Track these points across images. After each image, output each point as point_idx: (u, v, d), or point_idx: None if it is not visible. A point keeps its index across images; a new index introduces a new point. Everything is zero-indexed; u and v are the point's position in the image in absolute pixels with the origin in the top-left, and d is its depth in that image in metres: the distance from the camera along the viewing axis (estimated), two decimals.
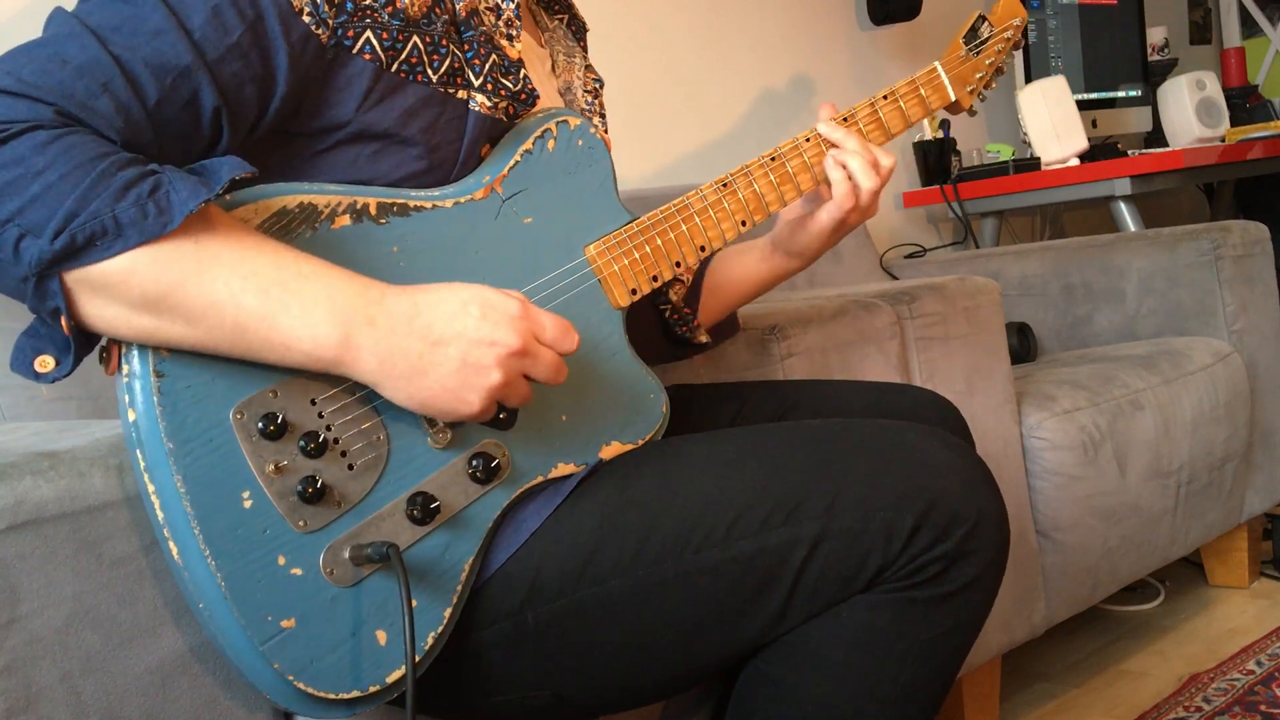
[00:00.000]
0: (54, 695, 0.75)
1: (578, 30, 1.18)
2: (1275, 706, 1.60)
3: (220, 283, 0.73)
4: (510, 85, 0.93)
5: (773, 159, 1.08)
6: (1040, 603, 1.66)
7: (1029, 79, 2.84)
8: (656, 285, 1.00)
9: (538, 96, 0.96)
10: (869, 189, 1.08)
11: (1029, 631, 1.64)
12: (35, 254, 0.69)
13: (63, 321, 0.72)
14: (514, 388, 0.82)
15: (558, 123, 0.98)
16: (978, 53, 1.23)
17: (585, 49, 1.18)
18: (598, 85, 1.14)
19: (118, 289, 0.72)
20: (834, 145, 1.09)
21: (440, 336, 0.78)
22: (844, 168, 1.08)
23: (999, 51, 1.24)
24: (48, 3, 0.83)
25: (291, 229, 0.81)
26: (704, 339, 1.23)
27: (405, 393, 0.79)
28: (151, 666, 0.79)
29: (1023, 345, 2.10)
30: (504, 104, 0.93)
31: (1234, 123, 3.08)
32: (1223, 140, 2.91)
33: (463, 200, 0.91)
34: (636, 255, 0.99)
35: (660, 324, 1.22)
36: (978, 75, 1.23)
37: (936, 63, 1.20)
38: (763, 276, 1.21)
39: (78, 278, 0.71)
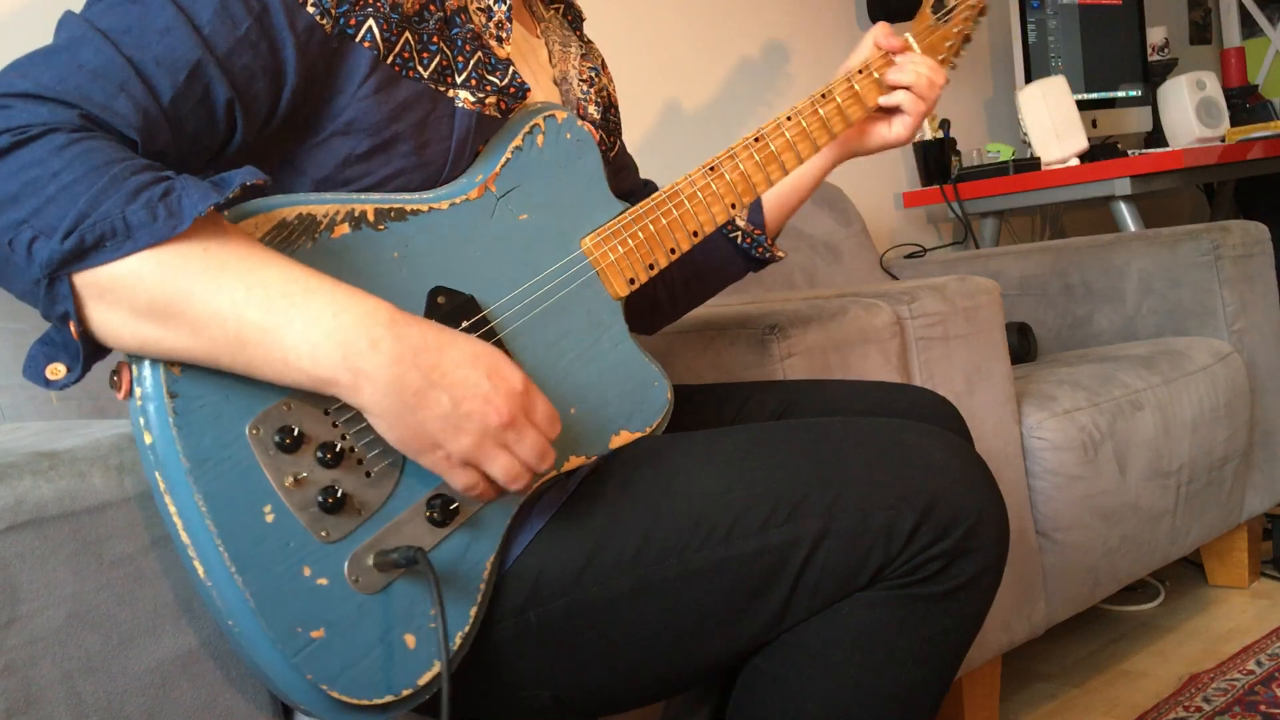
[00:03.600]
0: (54, 695, 0.75)
1: (574, 19, 1.18)
2: (1275, 706, 1.60)
3: (225, 294, 0.72)
4: (497, 80, 0.93)
5: (756, 139, 1.09)
6: (1040, 603, 1.66)
7: (1029, 79, 2.84)
8: (653, 274, 1.01)
9: (528, 89, 0.96)
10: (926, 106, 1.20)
11: (1029, 631, 1.64)
12: (46, 254, 0.69)
13: (71, 326, 0.72)
14: (494, 457, 0.78)
15: (545, 117, 0.98)
16: (946, 20, 1.27)
17: (582, 38, 1.18)
18: (593, 73, 1.14)
19: (124, 293, 0.71)
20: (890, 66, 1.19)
21: (441, 379, 0.76)
22: (903, 87, 1.18)
23: (965, 19, 1.28)
24: (47, 1, 0.83)
25: (292, 241, 0.81)
26: (782, 255, 1.28)
27: (387, 422, 0.76)
28: (151, 666, 0.79)
29: (1023, 345, 2.09)
30: (491, 98, 0.93)
31: (1234, 123, 3.08)
32: (1223, 140, 2.91)
33: (458, 201, 0.91)
34: (631, 244, 1.00)
35: (734, 249, 1.27)
36: (947, 44, 1.28)
37: (908, 34, 1.24)
38: (823, 173, 1.27)
39: (86, 280, 0.71)
